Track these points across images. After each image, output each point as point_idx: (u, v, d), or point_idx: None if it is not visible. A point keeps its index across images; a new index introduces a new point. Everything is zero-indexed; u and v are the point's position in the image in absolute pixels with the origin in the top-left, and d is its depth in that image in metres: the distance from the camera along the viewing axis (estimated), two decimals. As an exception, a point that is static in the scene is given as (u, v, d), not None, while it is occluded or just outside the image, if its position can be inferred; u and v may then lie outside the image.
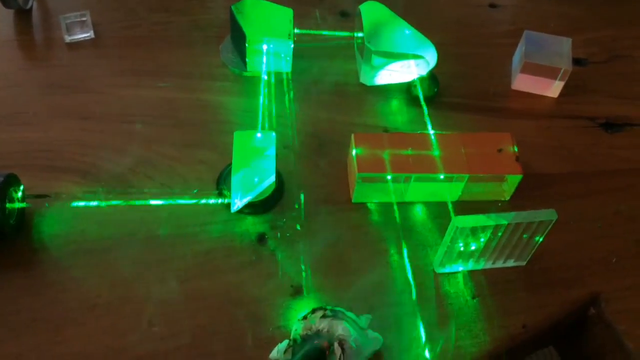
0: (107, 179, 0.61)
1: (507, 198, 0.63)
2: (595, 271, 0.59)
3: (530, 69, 0.70)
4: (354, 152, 0.59)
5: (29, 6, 0.76)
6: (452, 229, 0.52)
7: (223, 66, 0.73)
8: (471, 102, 0.72)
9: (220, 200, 0.59)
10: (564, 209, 0.63)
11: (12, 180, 0.56)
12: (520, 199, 0.63)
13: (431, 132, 0.63)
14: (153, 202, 0.59)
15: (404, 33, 0.69)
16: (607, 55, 0.78)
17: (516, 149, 0.61)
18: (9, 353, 0.50)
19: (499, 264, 0.58)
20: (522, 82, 0.72)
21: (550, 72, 0.70)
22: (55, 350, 0.50)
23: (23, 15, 0.77)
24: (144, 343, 0.51)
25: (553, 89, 0.72)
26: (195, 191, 0.49)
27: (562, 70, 0.70)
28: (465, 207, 0.62)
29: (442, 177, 0.59)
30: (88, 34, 0.74)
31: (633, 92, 0.74)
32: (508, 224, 0.52)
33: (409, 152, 0.60)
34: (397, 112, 0.70)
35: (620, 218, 0.63)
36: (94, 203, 0.59)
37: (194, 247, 0.57)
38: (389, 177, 0.58)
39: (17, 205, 0.56)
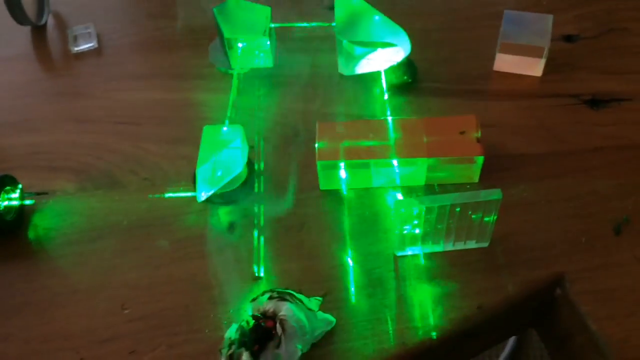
0: (97, 175, 0.67)
1: (476, 180, 0.63)
2: (563, 251, 0.58)
3: (509, 48, 0.69)
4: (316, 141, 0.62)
5: (42, 22, 0.84)
6: (396, 213, 0.53)
7: (211, 66, 0.77)
8: (451, 87, 0.72)
9: (192, 194, 0.64)
10: (536, 189, 0.62)
11: (7, 181, 0.63)
12: (490, 180, 0.63)
13: (389, 118, 0.63)
14: (135, 195, 0.65)
15: (376, 22, 0.70)
16: (600, 30, 0.75)
17: (479, 131, 0.61)
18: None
19: (460, 246, 0.58)
20: (503, 63, 0.71)
21: (530, 51, 0.69)
22: (40, 330, 0.56)
23: (38, 31, 0.85)
24: (117, 324, 0.56)
25: (535, 67, 0.70)
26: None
27: (542, 49, 0.68)
28: (432, 191, 0.63)
29: (398, 162, 0.60)
30: (92, 44, 0.80)
31: (623, 66, 0.71)
32: (452, 204, 0.53)
33: (370, 137, 0.61)
34: (374, 100, 0.72)
35: (596, 197, 0.61)
36: (83, 198, 0.65)
37: (169, 236, 0.62)
38: (341, 164, 0.60)
39: (15, 202, 0.63)
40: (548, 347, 0.63)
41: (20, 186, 0.64)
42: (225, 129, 0.63)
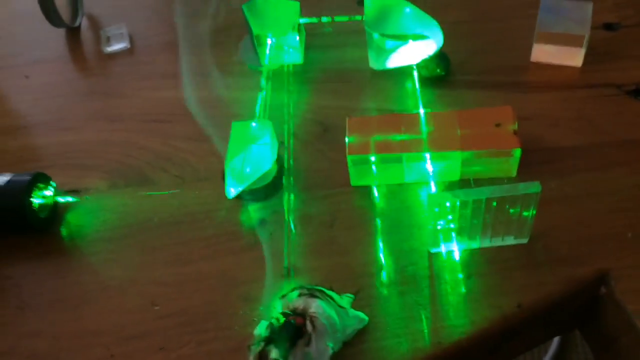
0: (128, 173, 0.67)
1: (514, 174, 0.61)
2: (607, 248, 0.55)
3: (546, 38, 0.67)
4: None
5: (77, 24, 0.85)
6: (430, 206, 0.52)
7: (241, 64, 0.76)
8: (486, 79, 0.70)
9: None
10: (577, 182, 0.60)
11: (41, 179, 0.63)
12: (529, 174, 0.60)
13: (421, 111, 0.62)
14: (165, 192, 0.65)
15: (407, 14, 0.68)
16: (644, 17, 0.72)
17: (516, 123, 0.58)
18: (31, 330, 0.56)
19: (498, 242, 0.56)
20: (540, 53, 0.68)
21: (568, 40, 0.66)
22: (71, 327, 0.56)
23: (73, 32, 0.86)
24: (146, 321, 0.56)
25: (575, 57, 0.67)
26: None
27: (582, 37, 0.65)
28: (468, 186, 0.60)
29: (431, 156, 0.58)
30: (124, 45, 0.81)
31: (670, 53, 0.68)
32: (487, 198, 0.51)
33: (401, 131, 0.59)
34: (406, 95, 0.70)
35: (641, 190, 0.58)
36: (114, 196, 0.65)
37: (198, 233, 0.61)
38: (372, 158, 0.58)
39: (48, 200, 0.64)
40: (593, 348, 0.60)
41: (53, 184, 0.64)
42: (254, 124, 0.62)
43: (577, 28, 0.65)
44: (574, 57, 0.67)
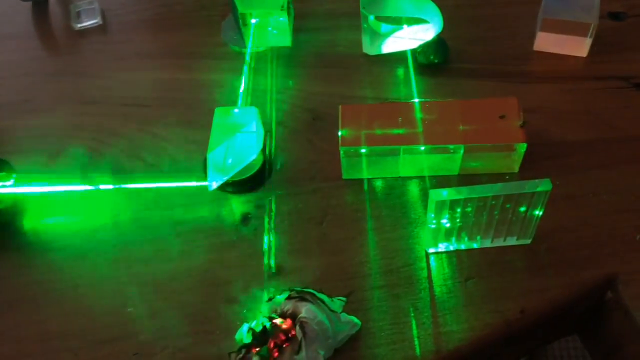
0: (100, 161, 0.62)
1: (516, 170, 0.57)
2: (614, 250, 0.52)
3: (552, 26, 0.63)
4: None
5: (45, -3, 0.79)
6: (430, 203, 0.48)
7: (224, 45, 0.71)
8: (487, 67, 0.66)
9: (203, 182, 0.58)
10: (583, 180, 0.57)
11: (2, 166, 0.57)
12: (532, 171, 0.57)
13: (416, 100, 0.58)
14: (141, 182, 0.59)
15: (404, -4, 0.64)
16: (650, 6, 0.69)
17: (522, 115, 0.55)
18: (-9, 331, 0.52)
19: (499, 242, 0.52)
20: (544, 42, 0.65)
21: (575, 29, 0.63)
22: (35, 329, 0.51)
23: (40, 6, 0.79)
24: (119, 324, 0.51)
25: (580, 47, 0.64)
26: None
27: (589, 26, 0.62)
28: (467, 181, 0.56)
29: (429, 149, 0.54)
30: (96, 21, 0.75)
31: (678, 45, 0.65)
32: (494, 196, 0.47)
33: (398, 122, 0.55)
34: (401, 82, 0.66)
35: (651, 190, 0.55)
36: (85, 187, 0.60)
37: (178, 228, 0.57)
38: (362, 150, 0.54)
39: (9, 190, 0.58)
40: (593, 355, 0.57)
41: (15, 172, 0.59)
42: (237, 111, 0.58)
43: (584, 16, 0.62)
44: (580, 47, 0.64)
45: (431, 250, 0.53)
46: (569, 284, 0.50)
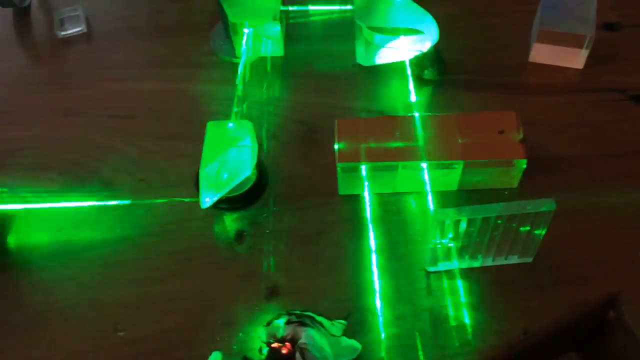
0: (86, 176, 0.60)
1: (515, 185, 0.56)
2: (616, 268, 0.52)
3: (548, 37, 0.62)
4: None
5: (26, 4, 0.76)
6: (433, 223, 0.46)
7: (213, 54, 0.69)
8: (481, 79, 0.65)
9: (195, 199, 0.56)
10: (583, 196, 0.56)
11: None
12: (530, 186, 0.56)
13: (416, 114, 0.56)
14: (128, 201, 0.57)
15: (399, 6, 0.63)
16: (645, 17, 0.68)
17: (521, 130, 0.54)
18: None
19: (501, 261, 0.52)
20: (540, 53, 0.64)
21: (571, 40, 0.62)
22: (20, 355, 0.49)
23: (22, 14, 0.76)
24: (108, 348, 0.49)
25: (576, 59, 0.63)
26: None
27: (585, 38, 0.61)
28: (466, 197, 0.56)
29: (429, 165, 0.53)
30: (80, 28, 0.72)
31: (674, 57, 0.64)
32: (497, 216, 0.46)
33: (396, 136, 0.54)
34: (396, 95, 0.64)
35: (650, 205, 0.55)
36: (70, 203, 0.57)
37: (169, 247, 0.55)
38: (363, 166, 0.53)
39: (-8, 206, 0.56)
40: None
41: (-2, 188, 0.57)
42: (231, 125, 0.56)
43: (580, 27, 0.61)
44: (576, 59, 0.63)
45: (432, 270, 0.52)
46: (571, 302, 0.50)
